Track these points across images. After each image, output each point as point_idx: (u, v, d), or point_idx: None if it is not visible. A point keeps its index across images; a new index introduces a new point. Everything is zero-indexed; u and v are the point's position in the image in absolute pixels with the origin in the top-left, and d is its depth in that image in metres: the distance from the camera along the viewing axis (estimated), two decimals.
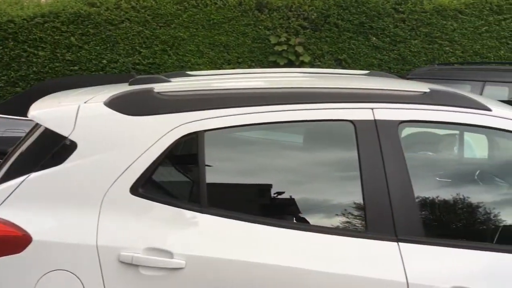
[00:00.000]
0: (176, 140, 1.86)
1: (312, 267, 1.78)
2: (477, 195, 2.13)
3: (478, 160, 3.17)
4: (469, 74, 6.00)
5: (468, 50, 7.96)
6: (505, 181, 2.34)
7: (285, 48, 8.09)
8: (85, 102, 1.94)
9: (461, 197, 2.06)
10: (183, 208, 1.83)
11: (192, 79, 2.45)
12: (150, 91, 1.97)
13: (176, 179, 1.95)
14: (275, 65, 8.16)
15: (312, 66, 8.18)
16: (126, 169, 1.82)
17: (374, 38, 8.17)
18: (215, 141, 1.95)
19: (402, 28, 8.11)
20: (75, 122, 1.86)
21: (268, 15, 8.24)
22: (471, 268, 1.82)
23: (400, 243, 1.81)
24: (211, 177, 1.89)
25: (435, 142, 3.08)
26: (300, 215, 1.97)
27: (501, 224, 2.03)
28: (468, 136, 3.27)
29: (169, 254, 1.77)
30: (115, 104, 1.90)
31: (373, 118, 1.91)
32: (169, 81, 2.21)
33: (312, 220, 1.95)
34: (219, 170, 1.96)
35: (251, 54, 8.30)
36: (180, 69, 7.95)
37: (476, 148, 3.28)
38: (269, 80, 2.38)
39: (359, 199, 1.86)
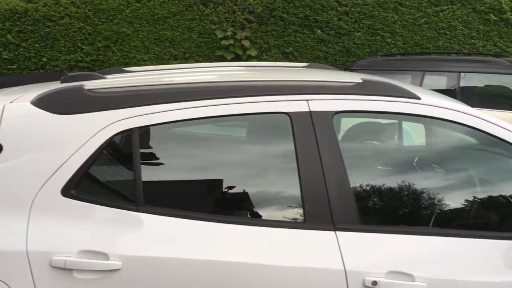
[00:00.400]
0: (108, 139, 1.81)
1: (252, 260, 1.78)
2: (414, 181, 2.17)
3: (416, 147, 3.27)
4: (410, 65, 6.19)
5: (408, 41, 8.21)
6: (440, 167, 2.42)
7: (232, 43, 8.07)
8: (10, 102, 1.85)
9: (398, 184, 2.11)
10: (118, 208, 1.78)
11: (128, 75, 2.39)
12: (80, 88, 1.90)
13: (111, 178, 1.90)
14: (223, 59, 8.13)
15: (260, 59, 8.21)
16: (56, 170, 1.76)
17: (319, 31, 8.28)
18: (151, 137, 1.91)
19: (346, 21, 8.26)
20: None
21: (213, 9, 8.18)
22: (407, 252, 1.85)
23: (337, 232, 1.83)
24: (147, 175, 1.85)
25: (376, 132, 3.15)
26: (239, 209, 1.96)
27: (438, 208, 2.08)
28: (406, 125, 3.37)
29: (104, 256, 1.72)
30: (42, 103, 1.83)
31: (308, 110, 1.92)
32: (104, 78, 2.15)
33: (252, 213, 1.95)
34: (155, 167, 1.92)
35: (198, 49, 8.23)
36: (125, 66, 7.77)
37: (415, 136, 3.39)
38: (206, 74, 2.36)
39: (297, 191, 1.87)
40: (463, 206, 2.14)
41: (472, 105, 5.53)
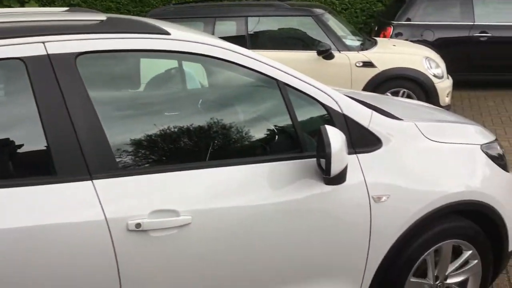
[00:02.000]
0: None
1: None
2: (186, 121, 2.11)
3: (195, 90, 3.27)
4: (201, 12, 6.24)
5: None
6: (216, 104, 2.43)
7: None
8: None
9: (165, 124, 2.04)
10: None
11: None
12: None
13: None
14: None
15: None
16: None
17: None
18: None
19: None
20: None
21: None
22: (173, 189, 1.82)
23: (94, 181, 1.73)
24: None
25: (169, 78, 3.05)
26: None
27: (211, 143, 2.07)
28: (188, 67, 3.34)
29: None
30: None
31: (45, 53, 1.73)
32: None
33: None
34: None
35: None
36: None
37: (198, 77, 3.38)
38: None
39: (42, 144, 1.69)
40: (232, 137, 2.19)
41: (262, 47, 5.83)
